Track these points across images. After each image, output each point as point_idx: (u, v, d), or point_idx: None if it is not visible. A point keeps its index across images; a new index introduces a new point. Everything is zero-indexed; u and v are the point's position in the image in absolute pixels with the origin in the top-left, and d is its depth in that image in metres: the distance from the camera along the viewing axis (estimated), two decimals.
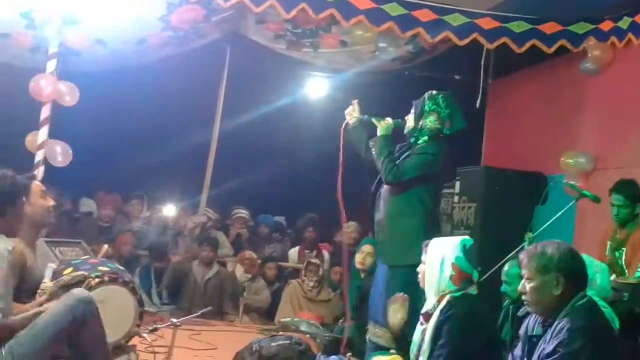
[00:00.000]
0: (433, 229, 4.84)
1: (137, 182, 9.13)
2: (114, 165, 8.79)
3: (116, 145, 8.94)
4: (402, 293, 4.73)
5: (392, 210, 4.92)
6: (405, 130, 5.06)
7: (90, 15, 6.44)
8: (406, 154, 4.97)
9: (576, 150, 6.75)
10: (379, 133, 5.05)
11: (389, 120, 5.08)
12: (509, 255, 5.23)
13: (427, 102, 4.97)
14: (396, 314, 4.72)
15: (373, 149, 4.99)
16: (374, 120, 5.12)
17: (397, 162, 4.88)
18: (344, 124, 5.20)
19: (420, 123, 4.95)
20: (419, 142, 4.95)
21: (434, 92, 5.03)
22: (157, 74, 7.74)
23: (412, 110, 5.05)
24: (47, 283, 4.06)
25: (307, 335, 5.73)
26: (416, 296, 4.59)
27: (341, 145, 5.10)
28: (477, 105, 7.56)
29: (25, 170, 5.33)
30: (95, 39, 6.71)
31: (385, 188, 5.00)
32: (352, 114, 5.21)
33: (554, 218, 5.51)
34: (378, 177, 5.06)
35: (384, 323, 4.78)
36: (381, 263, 5.04)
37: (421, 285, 4.07)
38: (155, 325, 4.60)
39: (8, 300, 3.41)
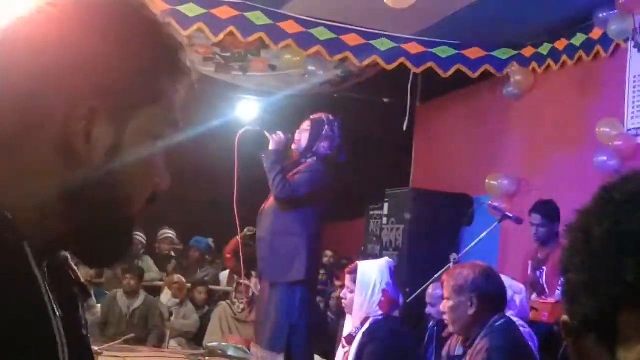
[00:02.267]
0: (315, 250, 4.96)
1: None
2: None
3: None
4: None
5: (276, 227, 4.95)
6: (295, 147, 5.10)
7: None
8: (294, 171, 5.01)
9: (501, 172, 6.91)
10: (270, 147, 5.08)
11: (280, 134, 5.11)
12: (434, 277, 5.31)
13: (326, 127, 5.04)
14: None
15: (264, 163, 5.02)
16: (265, 133, 5.15)
17: (287, 179, 4.93)
18: (238, 134, 5.22)
19: (315, 145, 5.01)
20: (308, 161, 5.03)
21: (331, 117, 5.12)
22: None
23: (306, 128, 5.09)
24: None
25: None
26: (292, 313, 4.69)
27: (235, 157, 5.12)
28: (405, 128, 7.66)
29: None
30: None
31: (269, 204, 5.04)
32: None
33: (478, 239, 5.62)
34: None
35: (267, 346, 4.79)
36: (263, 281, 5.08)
37: (346, 310, 4.07)
38: None
39: None
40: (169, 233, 8.95)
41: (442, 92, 8.06)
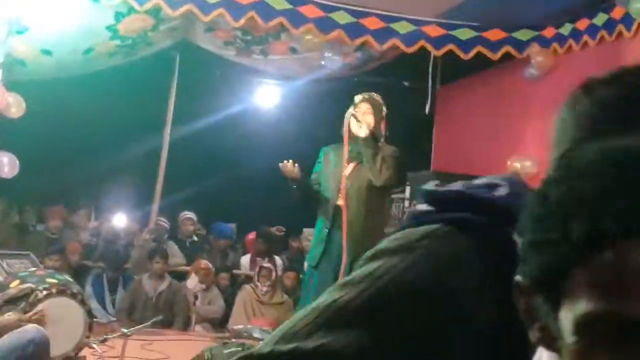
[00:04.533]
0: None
1: (86, 192, 9.04)
2: (63, 175, 8.68)
3: (64, 155, 8.83)
4: None
5: (366, 210, 5.03)
6: (362, 131, 5.05)
7: (36, 24, 6.36)
8: (372, 153, 4.99)
9: (522, 154, 6.89)
10: (364, 133, 5.02)
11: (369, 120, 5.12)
12: None
13: (384, 107, 5.11)
14: None
15: (364, 150, 5.00)
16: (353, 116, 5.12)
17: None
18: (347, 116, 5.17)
19: (380, 127, 5.08)
20: (383, 145, 5.08)
21: (380, 97, 5.16)
22: (105, 83, 7.69)
23: (367, 109, 5.10)
24: None
25: (260, 342, 5.74)
26: None
27: (345, 139, 5.14)
28: (427, 111, 7.66)
29: None
30: (42, 48, 6.63)
31: (356, 188, 5.06)
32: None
33: None
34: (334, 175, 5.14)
35: None
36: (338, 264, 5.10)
37: None
38: (105, 336, 4.57)
39: None
40: (189, 214, 8.99)
41: (463, 74, 8.04)
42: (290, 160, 5.15)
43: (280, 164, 5.17)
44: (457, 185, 0.98)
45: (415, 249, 0.90)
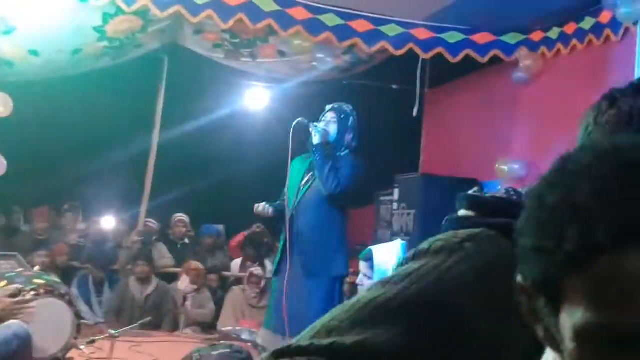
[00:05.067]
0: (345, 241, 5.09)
1: (74, 194, 9.00)
2: (50, 176, 8.62)
3: (52, 156, 8.78)
4: None
5: (317, 222, 4.99)
6: (321, 139, 5.05)
7: (23, 24, 6.32)
8: (335, 165, 5.01)
9: (510, 157, 6.92)
10: (316, 140, 5.09)
11: (324, 127, 5.14)
12: None
13: (351, 118, 5.11)
14: None
15: (314, 157, 5.04)
16: (310, 125, 5.14)
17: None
18: (293, 125, 5.20)
19: (344, 137, 5.07)
20: (342, 154, 5.07)
21: (350, 107, 5.18)
22: (93, 84, 7.66)
23: (332, 119, 5.12)
24: None
25: (249, 344, 5.74)
26: (333, 305, 4.73)
27: (290, 148, 5.12)
28: (415, 114, 7.68)
29: None
30: (29, 49, 6.59)
31: (309, 198, 5.06)
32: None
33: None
34: (297, 186, 5.14)
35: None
36: (298, 274, 5.05)
37: None
38: (93, 338, 4.55)
39: None
40: (181, 216, 8.99)
41: (451, 77, 8.07)
42: (262, 203, 5.25)
43: (254, 208, 5.29)
44: (499, 192, 1.00)
45: (458, 250, 0.91)
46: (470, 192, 1.04)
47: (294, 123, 5.13)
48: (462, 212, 1.00)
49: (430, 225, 6.49)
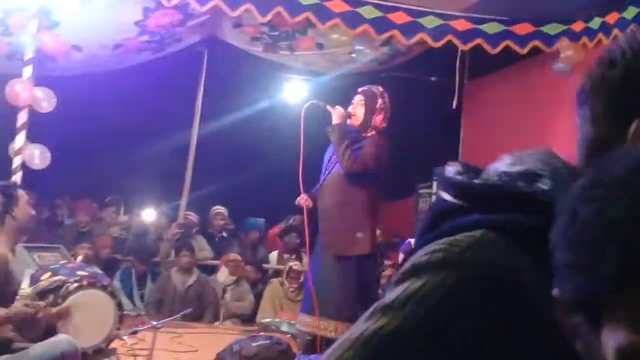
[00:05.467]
0: (375, 224, 5.07)
1: (116, 187, 9.13)
2: (92, 169, 8.77)
3: (94, 149, 8.93)
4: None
5: (341, 200, 5.01)
6: (352, 122, 5.14)
7: (66, 20, 6.43)
8: (358, 144, 5.04)
9: (552, 149, 6.83)
10: (334, 121, 5.12)
11: (341, 108, 5.16)
12: None
13: (379, 99, 5.08)
14: None
15: (331, 136, 5.07)
16: (328, 107, 5.18)
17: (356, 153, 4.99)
18: (303, 108, 5.25)
19: (372, 119, 5.06)
20: (368, 135, 5.08)
21: (380, 89, 5.15)
22: (134, 78, 7.75)
23: (360, 101, 5.14)
24: (25, 289, 4.07)
25: (288, 335, 5.77)
26: (359, 284, 4.77)
27: (301, 130, 5.16)
28: (454, 106, 7.63)
29: (4, 175, 5.33)
30: (72, 44, 6.70)
31: (331, 177, 5.09)
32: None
33: None
34: (325, 166, 5.18)
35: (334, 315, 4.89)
36: (320, 254, 5.10)
37: None
38: (135, 329, 4.62)
39: None
40: (219, 208, 9.06)
41: (491, 69, 8.00)
42: (303, 195, 5.26)
43: (297, 200, 5.31)
44: (490, 175, 0.90)
45: (460, 263, 0.82)
46: (452, 171, 0.92)
47: (305, 105, 5.19)
48: (447, 198, 0.91)
49: None
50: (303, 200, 5.26)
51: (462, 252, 0.83)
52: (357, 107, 5.15)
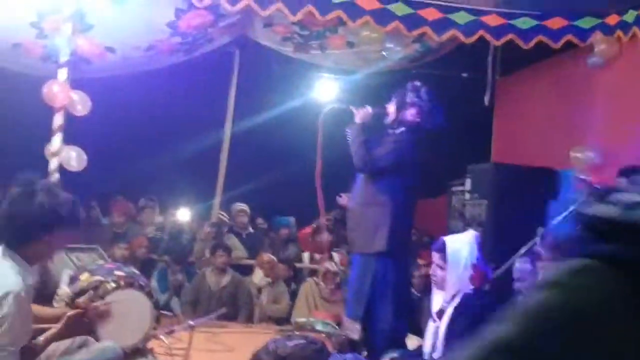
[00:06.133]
0: (399, 221, 4.95)
1: (150, 187, 9.22)
2: (127, 170, 8.86)
3: (128, 150, 9.03)
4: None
5: (363, 199, 5.00)
6: (386, 120, 5.15)
7: (99, 22, 6.50)
8: (378, 143, 5.05)
9: (586, 144, 6.77)
10: (356, 121, 5.12)
11: (368, 108, 5.14)
12: (521, 252, 5.25)
13: (409, 94, 5.04)
14: None
15: (348, 137, 5.07)
16: (352, 108, 5.18)
17: (370, 150, 4.96)
18: (322, 113, 5.26)
19: (400, 115, 5.03)
20: (396, 132, 5.04)
21: (417, 83, 5.11)
22: (167, 79, 7.82)
23: (393, 98, 5.12)
24: (64, 289, 4.12)
25: (323, 335, 5.77)
26: (373, 283, 4.75)
27: (319, 135, 5.16)
28: (486, 102, 7.58)
29: (40, 174, 5.37)
30: (105, 46, 6.78)
31: (360, 176, 5.09)
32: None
33: (565, 212, 5.52)
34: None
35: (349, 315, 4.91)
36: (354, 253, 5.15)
37: (437, 287, 4.07)
38: (172, 328, 4.65)
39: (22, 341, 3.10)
40: (241, 205, 9.07)
41: (523, 64, 7.93)
42: (343, 195, 5.35)
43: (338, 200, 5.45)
44: (612, 208, 0.91)
45: (565, 286, 0.89)
46: (583, 201, 0.98)
47: (325, 110, 5.20)
48: (580, 231, 0.96)
49: (503, 215, 6.43)
50: (343, 200, 5.32)
51: (570, 275, 0.89)
52: (391, 105, 5.15)
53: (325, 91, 9.15)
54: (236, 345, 5.97)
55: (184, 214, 9.01)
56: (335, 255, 8.63)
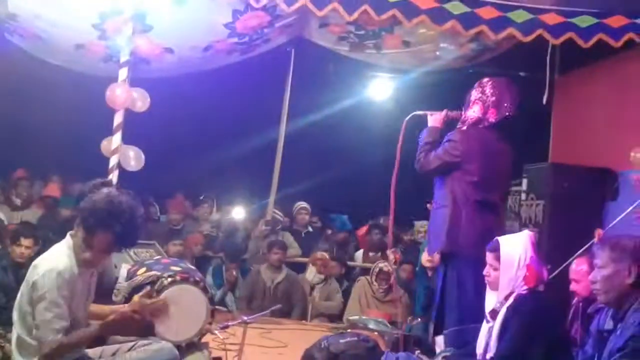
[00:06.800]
0: (458, 221, 4.90)
1: (206, 185, 9.36)
2: (184, 169, 9.01)
3: (186, 149, 9.18)
4: None
5: (434, 201, 5.02)
6: (431, 123, 5.21)
7: (158, 23, 6.62)
8: (419, 145, 5.09)
9: None
10: (428, 125, 5.12)
11: (443, 112, 5.13)
12: (578, 253, 5.19)
13: (474, 91, 5.01)
14: None
15: (419, 141, 5.08)
16: (429, 113, 5.18)
17: (427, 152, 4.97)
18: (405, 120, 5.26)
19: (467, 113, 5.01)
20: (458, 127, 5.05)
21: (485, 79, 5.06)
22: (223, 79, 7.92)
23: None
24: (122, 283, 4.22)
25: (376, 333, 5.78)
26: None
27: (400, 140, 5.15)
28: (544, 101, 7.46)
29: (100, 173, 5.52)
30: (164, 47, 6.91)
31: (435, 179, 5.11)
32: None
33: (624, 214, 5.43)
34: None
35: None
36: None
37: (490, 287, 4.04)
38: (226, 323, 4.72)
39: (66, 319, 3.46)
40: (303, 204, 9.15)
41: (583, 63, 7.78)
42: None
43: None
44: None
45: None
46: None
47: (407, 118, 5.19)
48: None
49: (560, 215, 6.34)
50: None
51: None
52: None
53: (379, 90, 9.16)
54: (289, 342, 6.03)
55: (239, 212, 9.11)
56: (390, 255, 8.62)
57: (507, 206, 7.87)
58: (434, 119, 5.13)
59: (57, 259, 3.48)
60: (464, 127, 5.04)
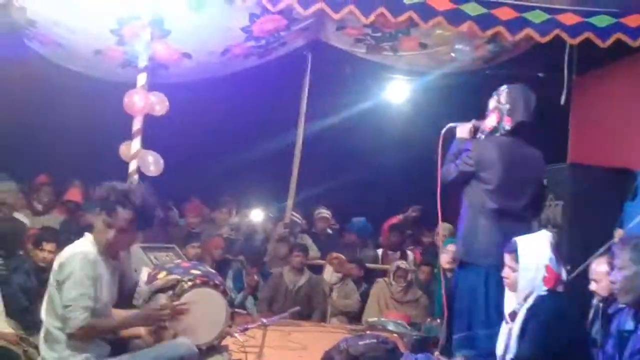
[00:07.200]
0: (474, 229, 4.86)
1: (225, 189, 9.40)
2: (202, 172, 9.05)
3: (204, 153, 9.22)
4: None
5: (460, 210, 5.02)
6: (459, 134, 5.14)
7: (176, 28, 6.66)
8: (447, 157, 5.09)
9: None
10: (456, 136, 5.11)
11: (470, 123, 5.10)
12: (597, 253, 5.17)
13: (491, 100, 5.01)
14: None
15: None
16: (458, 125, 5.14)
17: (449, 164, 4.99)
18: (442, 131, 5.21)
19: (485, 122, 5.00)
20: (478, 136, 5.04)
21: (501, 87, 5.03)
22: (240, 82, 7.95)
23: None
24: (142, 287, 4.26)
25: (395, 335, 5.79)
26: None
27: (440, 149, 5.12)
28: (562, 102, 7.43)
29: (119, 178, 5.55)
30: (182, 52, 6.96)
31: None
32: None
33: None
34: None
35: None
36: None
37: (509, 289, 4.04)
38: (246, 326, 4.75)
39: (92, 299, 3.57)
40: (324, 212, 9.18)
41: (601, 63, 7.74)
42: None
43: None
44: None
45: None
46: None
47: (443, 130, 5.14)
48: None
49: (579, 216, 6.32)
50: None
51: None
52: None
53: (396, 93, 9.16)
54: (309, 344, 6.04)
55: (257, 215, 9.15)
56: (410, 254, 8.63)
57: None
58: (461, 130, 5.10)
59: (81, 245, 3.69)
60: (482, 137, 5.02)
